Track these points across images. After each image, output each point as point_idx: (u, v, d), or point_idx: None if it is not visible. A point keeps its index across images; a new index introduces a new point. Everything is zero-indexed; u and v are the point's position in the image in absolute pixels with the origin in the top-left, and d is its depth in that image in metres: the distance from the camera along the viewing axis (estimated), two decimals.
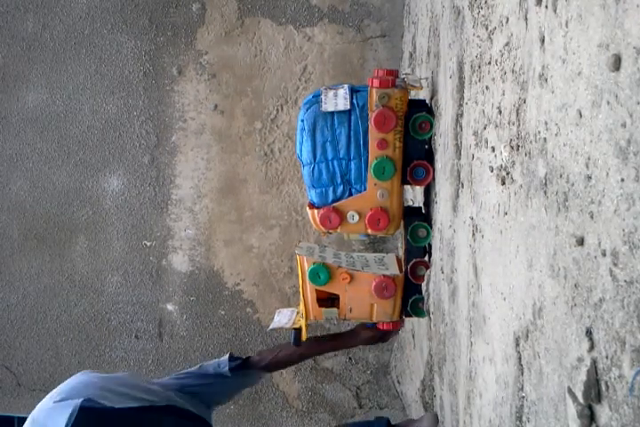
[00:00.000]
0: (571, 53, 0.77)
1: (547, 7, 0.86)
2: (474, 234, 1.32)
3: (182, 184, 3.26)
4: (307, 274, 1.85)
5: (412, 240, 1.87)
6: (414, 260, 1.86)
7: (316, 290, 1.86)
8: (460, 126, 1.49)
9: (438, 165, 1.79)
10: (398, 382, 3.11)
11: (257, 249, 3.23)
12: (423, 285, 1.91)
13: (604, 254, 0.68)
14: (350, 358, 3.26)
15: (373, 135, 1.75)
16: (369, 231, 1.84)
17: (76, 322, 3.36)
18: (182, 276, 3.29)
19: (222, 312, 3.28)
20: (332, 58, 3.13)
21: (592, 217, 0.71)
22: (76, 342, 3.37)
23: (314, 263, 1.84)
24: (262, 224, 3.22)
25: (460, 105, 1.49)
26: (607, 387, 0.67)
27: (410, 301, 1.87)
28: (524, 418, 0.98)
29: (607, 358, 0.67)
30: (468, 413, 1.39)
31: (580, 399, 0.72)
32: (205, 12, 3.20)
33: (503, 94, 1.10)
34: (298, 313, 1.97)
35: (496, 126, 1.15)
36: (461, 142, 1.47)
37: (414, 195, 2.41)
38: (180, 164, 3.26)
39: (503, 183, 1.09)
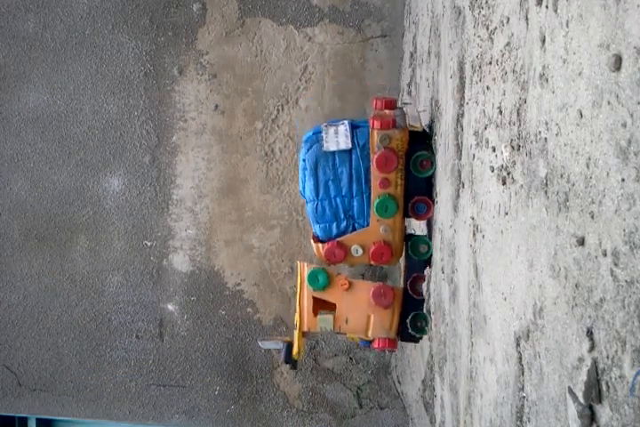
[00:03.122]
0: (571, 53, 0.77)
1: (547, 7, 0.86)
2: (474, 234, 1.32)
3: (183, 184, 3.26)
4: (305, 277, 1.84)
5: (413, 254, 1.88)
6: (414, 274, 1.86)
7: (314, 298, 1.84)
8: (461, 126, 1.49)
9: (439, 165, 1.79)
10: (399, 382, 3.11)
11: (257, 249, 3.23)
12: (424, 288, 1.91)
13: (604, 254, 0.68)
14: (351, 358, 3.26)
15: (375, 175, 1.79)
16: (372, 263, 1.89)
17: (77, 322, 3.36)
18: (183, 276, 3.29)
19: (223, 312, 3.28)
20: (333, 58, 3.13)
21: (593, 217, 0.71)
22: (76, 342, 3.37)
23: (314, 267, 1.86)
24: (263, 224, 3.22)
25: (461, 105, 1.49)
26: (608, 387, 0.67)
27: (410, 315, 1.84)
28: (524, 418, 0.98)
29: (608, 358, 0.67)
30: (469, 413, 1.39)
31: (581, 399, 0.72)
32: (206, 12, 3.21)
33: (504, 94, 1.10)
34: (285, 343, 1.94)
35: (497, 126, 1.15)
36: (462, 142, 1.47)
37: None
38: (180, 164, 3.26)
39: (504, 183, 1.09)
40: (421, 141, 1.86)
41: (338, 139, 1.80)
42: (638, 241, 0.61)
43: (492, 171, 1.16)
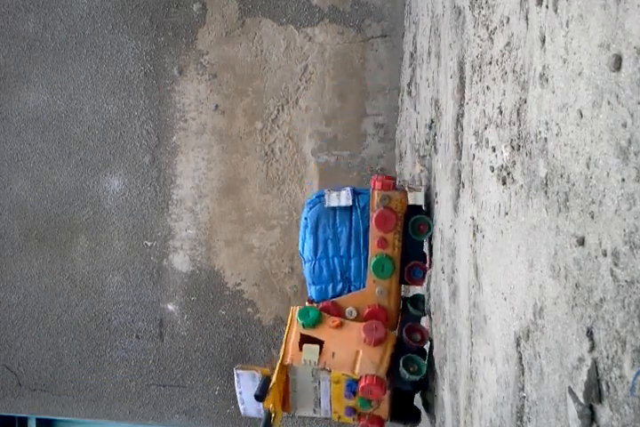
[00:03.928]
0: (571, 53, 0.77)
1: (547, 7, 0.86)
2: (474, 234, 1.32)
3: (183, 184, 3.26)
4: (296, 313, 1.79)
5: (413, 306, 1.88)
6: (409, 324, 1.84)
7: (301, 335, 1.77)
8: (461, 126, 1.49)
9: (439, 165, 1.79)
10: None
11: (258, 249, 3.23)
12: (424, 284, 1.91)
13: (604, 254, 0.68)
14: None
15: (374, 234, 1.80)
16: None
17: (77, 322, 3.36)
18: (183, 276, 3.29)
19: (223, 312, 3.28)
20: (333, 58, 3.13)
21: (593, 217, 0.71)
22: (76, 342, 3.37)
23: (306, 306, 1.83)
24: (263, 224, 3.22)
25: (461, 105, 1.49)
26: (608, 387, 0.67)
27: (402, 358, 1.76)
28: (524, 418, 0.98)
29: (608, 358, 0.67)
30: (469, 413, 1.39)
31: (581, 399, 0.72)
32: (206, 12, 3.21)
33: (504, 94, 1.10)
34: (263, 376, 1.81)
35: (497, 126, 1.15)
36: (462, 142, 1.47)
37: None
38: (180, 164, 3.26)
39: (504, 183, 1.09)
40: (419, 209, 1.90)
41: (340, 198, 1.86)
42: (638, 241, 0.61)
43: (492, 171, 1.16)
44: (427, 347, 1.86)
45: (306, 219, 1.89)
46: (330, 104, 3.15)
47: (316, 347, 1.76)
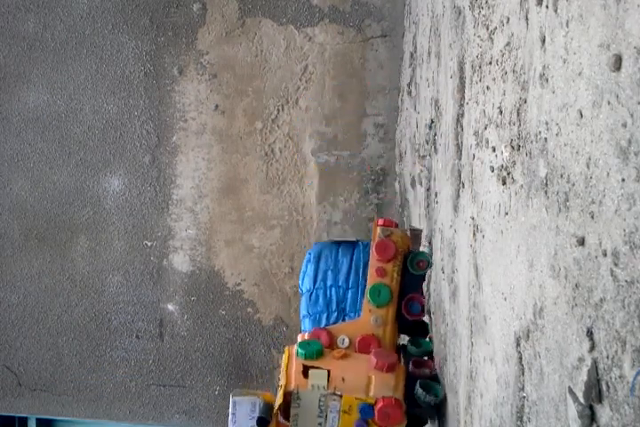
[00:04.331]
0: (571, 53, 0.77)
1: (547, 7, 0.86)
2: (474, 234, 1.32)
3: (183, 184, 3.27)
4: (294, 348, 1.67)
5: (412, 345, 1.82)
6: (413, 358, 1.77)
7: (304, 365, 1.63)
8: (461, 126, 1.49)
9: (439, 165, 1.79)
10: None
11: (258, 249, 3.23)
12: (424, 284, 1.91)
13: (604, 254, 0.68)
14: None
15: (373, 263, 1.79)
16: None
17: (77, 322, 3.36)
18: (183, 276, 3.29)
19: (223, 312, 3.28)
20: (333, 58, 3.13)
21: (593, 217, 0.71)
22: (76, 342, 3.37)
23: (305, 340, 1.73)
24: (263, 224, 3.22)
25: (461, 105, 1.49)
26: (608, 387, 0.67)
27: (419, 381, 1.66)
28: (524, 418, 0.98)
29: (608, 358, 0.67)
30: (469, 413, 1.39)
31: (581, 399, 0.72)
32: (206, 12, 3.21)
33: (504, 94, 1.10)
34: (262, 401, 1.65)
35: (497, 126, 1.15)
36: (462, 142, 1.47)
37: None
38: (180, 164, 3.26)
39: (504, 183, 1.09)
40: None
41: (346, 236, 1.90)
42: (638, 241, 0.61)
43: (492, 171, 1.16)
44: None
45: (309, 253, 1.93)
46: (330, 104, 3.15)
47: (325, 373, 1.63)
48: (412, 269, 1.82)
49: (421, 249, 1.93)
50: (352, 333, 1.78)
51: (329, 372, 1.62)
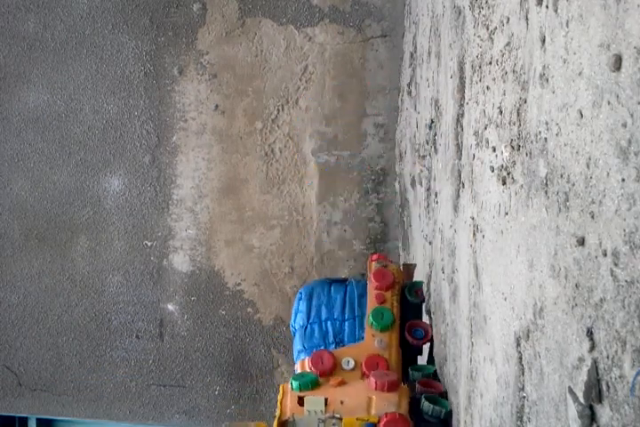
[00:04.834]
0: (571, 53, 0.77)
1: (547, 7, 0.86)
2: (475, 234, 1.32)
3: (183, 184, 3.26)
4: (288, 384, 1.61)
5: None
6: (421, 380, 1.67)
7: (299, 397, 1.55)
8: (461, 126, 1.49)
9: (439, 165, 1.79)
10: None
11: (258, 249, 3.23)
12: (424, 285, 1.91)
13: (604, 254, 0.68)
14: None
15: (372, 291, 1.75)
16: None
17: (77, 322, 3.36)
18: (183, 276, 3.29)
19: (223, 312, 3.28)
20: (333, 58, 3.13)
21: (593, 217, 0.71)
22: (76, 342, 3.37)
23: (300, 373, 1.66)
24: (263, 224, 3.22)
25: (461, 105, 1.49)
26: (608, 387, 0.67)
27: (424, 395, 1.58)
28: (524, 418, 0.98)
29: (608, 358, 0.67)
30: (469, 413, 1.39)
31: (581, 399, 0.72)
32: (206, 12, 3.21)
33: (504, 94, 1.10)
34: None
35: (497, 126, 1.15)
36: (462, 142, 1.47)
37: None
38: (180, 164, 3.26)
39: (504, 183, 1.09)
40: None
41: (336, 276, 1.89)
42: (638, 241, 0.61)
43: (492, 171, 1.16)
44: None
45: (301, 292, 1.91)
46: (330, 104, 3.15)
47: (321, 399, 1.54)
48: (409, 296, 1.81)
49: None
50: (356, 355, 1.69)
51: (326, 400, 1.54)
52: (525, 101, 0.97)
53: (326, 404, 1.53)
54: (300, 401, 1.54)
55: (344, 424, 1.49)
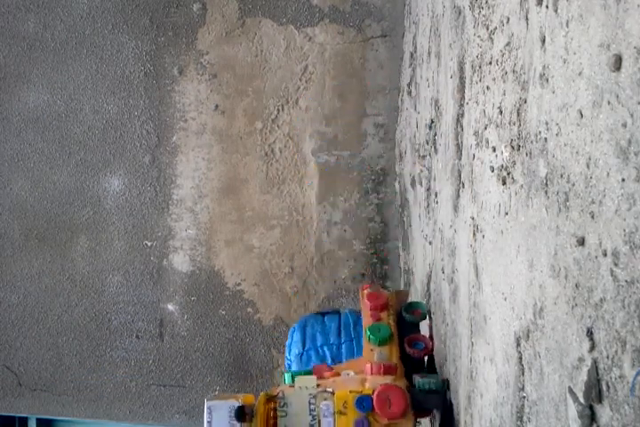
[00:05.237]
0: (571, 53, 0.77)
1: (547, 7, 0.86)
2: (474, 234, 1.32)
3: (183, 184, 3.26)
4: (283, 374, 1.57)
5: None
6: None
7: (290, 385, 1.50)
8: (461, 126, 1.49)
9: (439, 165, 1.79)
10: None
11: (258, 249, 3.23)
12: (424, 285, 1.91)
13: (604, 254, 0.68)
14: None
15: (367, 311, 1.65)
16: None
17: (77, 322, 3.36)
18: (183, 276, 3.29)
19: (223, 312, 3.28)
20: (333, 58, 3.13)
21: (593, 217, 0.71)
22: (76, 342, 3.37)
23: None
24: (263, 224, 3.22)
25: (461, 105, 1.49)
26: (608, 387, 0.67)
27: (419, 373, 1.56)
28: (524, 418, 0.98)
29: (608, 358, 0.67)
30: (469, 413, 1.39)
31: (581, 399, 0.72)
32: (206, 12, 3.21)
33: (504, 94, 1.10)
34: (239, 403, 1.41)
35: (497, 126, 1.15)
36: (462, 142, 1.47)
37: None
38: (180, 164, 3.26)
39: (504, 183, 1.09)
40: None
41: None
42: (638, 241, 0.61)
43: (492, 171, 1.16)
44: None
45: (293, 328, 1.91)
46: (330, 104, 3.15)
47: (313, 377, 1.49)
48: (406, 314, 1.70)
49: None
50: (356, 368, 1.60)
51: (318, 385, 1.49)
52: (525, 101, 0.97)
53: (319, 386, 1.47)
54: (292, 386, 1.50)
55: (336, 398, 1.42)
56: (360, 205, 3.15)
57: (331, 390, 1.44)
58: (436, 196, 1.85)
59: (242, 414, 1.36)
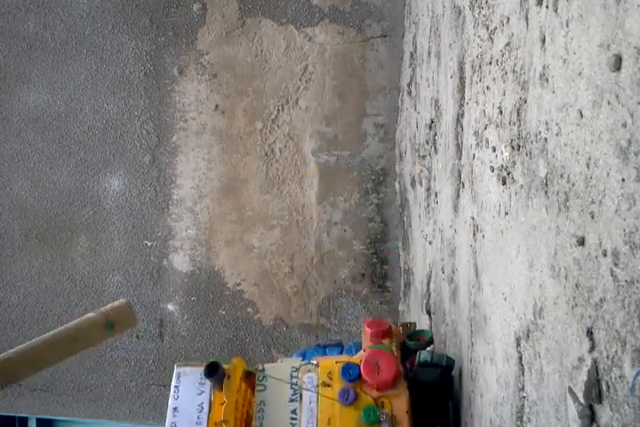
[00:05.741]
0: (571, 53, 0.77)
1: (547, 7, 0.86)
2: (475, 234, 1.32)
3: (183, 184, 3.26)
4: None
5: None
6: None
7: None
8: (461, 126, 1.49)
9: (439, 165, 1.79)
10: None
11: (258, 249, 3.23)
12: (424, 285, 1.91)
13: (604, 254, 0.68)
14: None
15: (366, 334, 1.52)
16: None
17: None
18: (183, 276, 3.29)
19: (223, 312, 3.28)
20: (333, 58, 3.13)
21: (593, 217, 0.71)
22: None
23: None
24: (263, 224, 3.22)
25: (461, 105, 1.49)
26: (608, 387, 0.67)
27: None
28: (524, 418, 0.98)
29: (608, 358, 0.67)
30: (469, 413, 1.39)
31: (581, 399, 0.72)
32: (206, 12, 3.21)
33: (504, 94, 1.10)
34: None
35: (497, 126, 1.15)
36: (462, 142, 1.47)
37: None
38: (180, 164, 3.26)
39: (504, 183, 1.09)
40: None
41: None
42: (638, 241, 0.61)
43: (492, 171, 1.16)
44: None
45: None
46: (330, 104, 3.15)
47: (299, 358, 1.39)
48: (409, 341, 1.62)
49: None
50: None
51: None
52: (525, 101, 0.97)
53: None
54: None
55: (321, 370, 1.29)
56: (360, 205, 3.15)
57: (315, 362, 1.33)
58: (436, 196, 1.85)
59: (214, 370, 1.22)
